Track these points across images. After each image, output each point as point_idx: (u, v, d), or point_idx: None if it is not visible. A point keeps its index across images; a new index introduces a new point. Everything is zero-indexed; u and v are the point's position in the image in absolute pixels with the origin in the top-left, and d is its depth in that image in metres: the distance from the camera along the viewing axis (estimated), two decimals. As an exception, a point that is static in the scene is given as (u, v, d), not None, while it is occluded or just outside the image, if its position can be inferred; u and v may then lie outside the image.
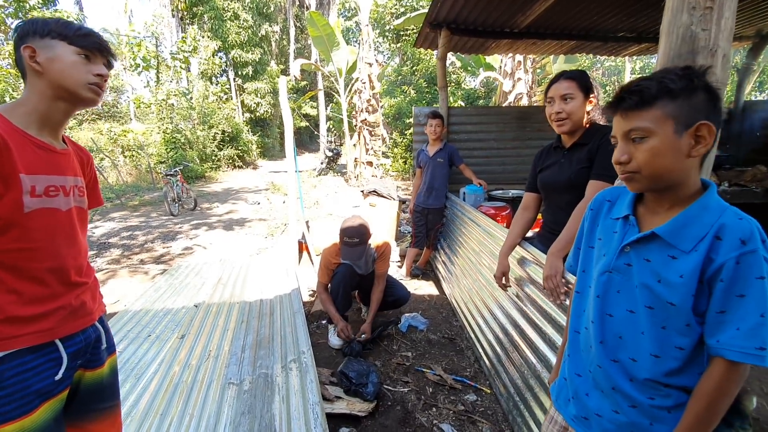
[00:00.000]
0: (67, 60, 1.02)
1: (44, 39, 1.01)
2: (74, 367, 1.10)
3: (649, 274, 0.83)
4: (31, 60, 1.00)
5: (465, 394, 2.31)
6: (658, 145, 0.79)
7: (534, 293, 1.88)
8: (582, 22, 3.94)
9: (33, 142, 1.00)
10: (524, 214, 2.06)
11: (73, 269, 1.09)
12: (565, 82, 1.72)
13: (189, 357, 2.66)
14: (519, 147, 4.50)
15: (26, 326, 0.98)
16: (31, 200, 0.97)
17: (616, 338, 0.89)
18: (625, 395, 0.88)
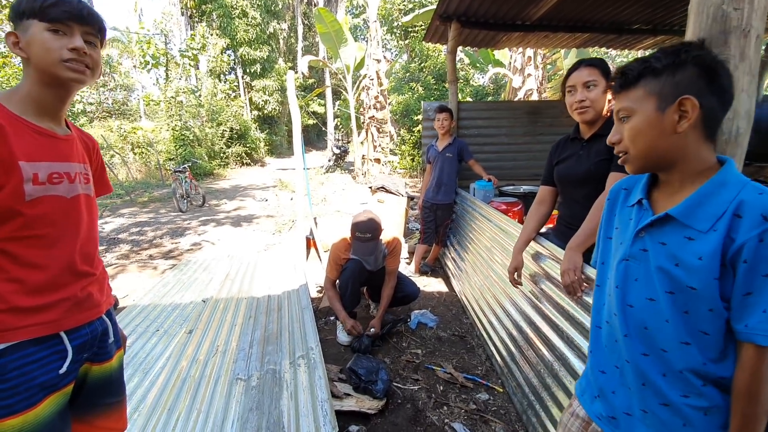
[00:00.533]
0: (38, 39, 0.93)
1: (22, 21, 0.94)
2: (80, 361, 1.07)
3: (666, 258, 0.79)
4: (15, 47, 0.96)
5: (477, 393, 2.26)
6: (638, 123, 0.81)
7: (550, 289, 1.82)
8: (596, 14, 3.84)
9: (32, 128, 0.97)
10: (539, 208, 2.00)
11: (79, 258, 1.05)
12: (587, 69, 1.65)
13: (197, 352, 2.64)
14: (530, 142, 4.41)
15: (30, 317, 0.95)
16: (34, 188, 0.94)
17: (641, 329, 0.84)
18: (656, 392, 0.82)
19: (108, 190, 1.29)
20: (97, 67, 1.04)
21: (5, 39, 0.97)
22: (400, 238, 2.78)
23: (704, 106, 0.76)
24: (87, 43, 1.00)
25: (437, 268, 4.23)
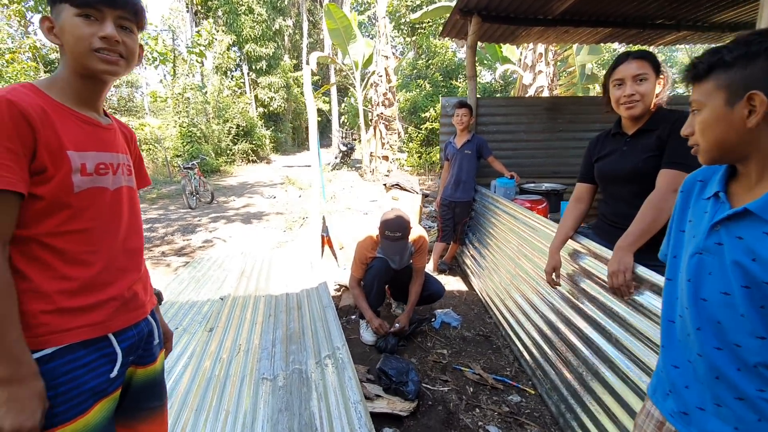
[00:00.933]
0: (69, 25, 0.86)
1: (56, 6, 0.88)
2: (126, 364, 1.01)
3: (742, 252, 0.76)
4: (49, 33, 0.89)
5: (508, 395, 2.21)
6: (707, 118, 0.80)
7: (593, 289, 1.76)
8: (621, 8, 3.76)
9: (77, 116, 0.91)
10: (577, 206, 1.94)
11: (122, 254, 1.00)
12: (636, 62, 1.59)
13: (219, 351, 2.60)
14: (549, 139, 4.35)
15: (78, 318, 0.89)
16: (82, 179, 0.88)
17: (715, 323, 0.81)
18: (730, 386, 0.79)
19: (146, 182, 1.23)
20: (133, 55, 0.96)
21: (40, 24, 0.90)
22: (425, 236, 2.72)
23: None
24: (121, 29, 0.92)
25: (455, 267, 4.18)
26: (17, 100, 0.79)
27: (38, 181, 0.83)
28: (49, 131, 0.83)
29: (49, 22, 0.89)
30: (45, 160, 0.82)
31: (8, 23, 11.46)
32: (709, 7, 3.91)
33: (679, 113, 1.62)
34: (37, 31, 12.29)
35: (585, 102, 4.69)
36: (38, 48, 11.04)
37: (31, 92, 0.84)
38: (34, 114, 0.80)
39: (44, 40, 11.63)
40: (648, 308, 1.40)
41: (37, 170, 0.82)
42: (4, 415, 0.76)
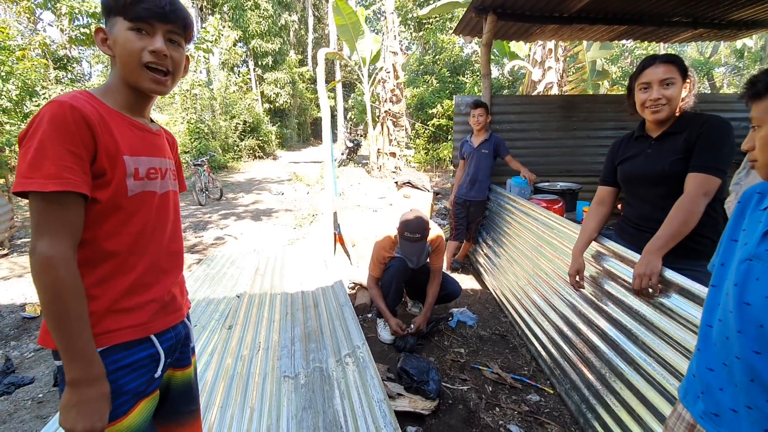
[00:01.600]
0: (122, 38, 0.89)
1: (110, 17, 0.90)
2: (166, 366, 1.03)
3: None
4: (103, 44, 0.91)
5: (527, 394, 2.23)
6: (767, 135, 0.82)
7: (618, 291, 1.77)
8: (638, 6, 3.73)
9: (131, 122, 0.94)
10: (600, 208, 1.94)
11: (164, 256, 1.02)
12: (663, 66, 1.59)
13: (240, 348, 2.63)
14: (563, 137, 4.33)
15: (123, 319, 0.91)
16: (135, 183, 0.91)
17: (757, 327, 0.83)
18: (765, 389, 0.81)
19: (183, 187, 1.25)
20: (179, 68, 0.98)
21: (95, 35, 0.92)
22: (443, 236, 2.74)
23: None
24: (170, 42, 0.94)
25: (467, 265, 4.19)
26: (79, 106, 0.81)
27: (98, 185, 0.85)
28: (107, 136, 0.85)
29: (103, 33, 0.91)
30: (104, 164, 0.85)
31: (18, 20, 11.53)
32: (728, 5, 3.86)
33: (706, 117, 1.62)
34: (46, 27, 12.35)
35: (599, 100, 4.65)
36: (47, 45, 11.09)
37: (89, 99, 0.87)
38: (94, 119, 0.83)
39: (54, 37, 11.70)
40: (676, 312, 1.41)
41: (97, 173, 0.84)
42: (76, 417, 0.79)
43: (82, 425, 0.79)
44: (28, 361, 2.66)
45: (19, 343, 2.91)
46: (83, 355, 0.80)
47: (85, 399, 0.80)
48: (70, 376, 0.79)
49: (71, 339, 0.79)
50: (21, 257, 4.78)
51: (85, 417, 0.79)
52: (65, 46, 11.57)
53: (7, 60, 7.89)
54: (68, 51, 11.80)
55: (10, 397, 2.26)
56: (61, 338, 0.79)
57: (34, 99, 9.11)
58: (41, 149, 0.77)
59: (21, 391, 2.32)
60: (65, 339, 0.79)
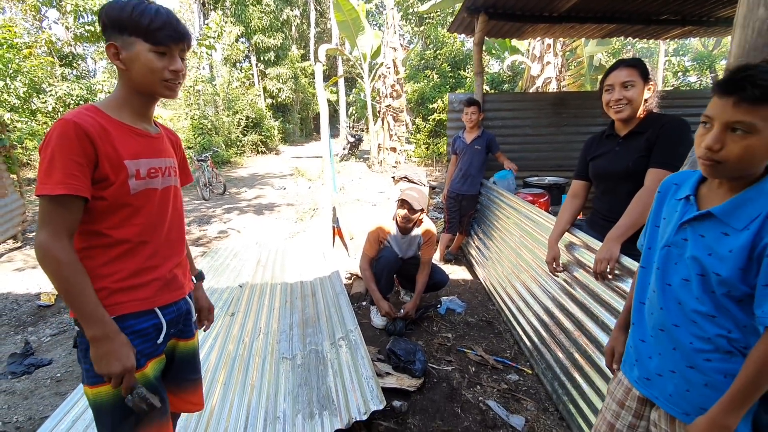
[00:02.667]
0: (143, 59, 1.03)
1: (123, 35, 1.02)
2: (168, 336, 1.21)
3: (702, 248, 0.92)
4: (115, 58, 1.04)
5: (507, 374, 2.40)
6: (757, 144, 0.81)
7: (584, 277, 1.93)
8: (625, 5, 3.84)
9: (131, 130, 1.09)
10: (573, 201, 2.09)
11: (166, 243, 1.19)
12: (625, 70, 1.73)
13: (241, 333, 2.82)
14: (554, 133, 4.47)
15: (130, 294, 1.10)
16: (137, 182, 1.08)
17: (676, 303, 0.98)
18: (684, 356, 0.96)
19: (189, 179, 1.42)
20: (185, 76, 1.16)
21: (106, 50, 1.06)
22: (434, 230, 2.91)
23: None
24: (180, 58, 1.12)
25: (460, 257, 4.36)
26: (80, 122, 0.97)
27: (102, 186, 1.02)
28: (108, 146, 1.02)
29: (115, 48, 1.04)
30: (106, 169, 1.02)
31: (23, 18, 11.72)
32: (714, 3, 3.97)
33: (668, 118, 1.77)
34: (51, 25, 12.53)
35: (590, 96, 4.78)
36: (53, 42, 11.27)
37: (93, 113, 1.03)
38: (95, 132, 0.99)
39: (59, 34, 11.87)
40: (630, 294, 1.57)
41: (100, 178, 1.02)
42: (107, 363, 1.00)
43: (117, 368, 1.00)
44: (46, 344, 2.87)
45: (36, 329, 3.11)
46: (95, 317, 0.99)
47: (109, 350, 1.00)
48: (90, 334, 0.99)
49: (82, 306, 0.98)
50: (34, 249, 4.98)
51: (116, 362, 1.00)
52: (70, 44, 11.76)
53: (14, 58, 8.08)
54: (73, 48, 12.00)
55: (30, 376, 2.47)
56: (74, 306, 0.99)
57: (41, 96, 9.31)
58: (52, 160, 0.94)
59: (40, 371, 2.52)
60: (77, 306, 0.98)
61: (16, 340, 2.94)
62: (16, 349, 2.77)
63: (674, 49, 18.87)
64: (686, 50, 22.48)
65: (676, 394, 0.98)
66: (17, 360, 2.59)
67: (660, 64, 13.63)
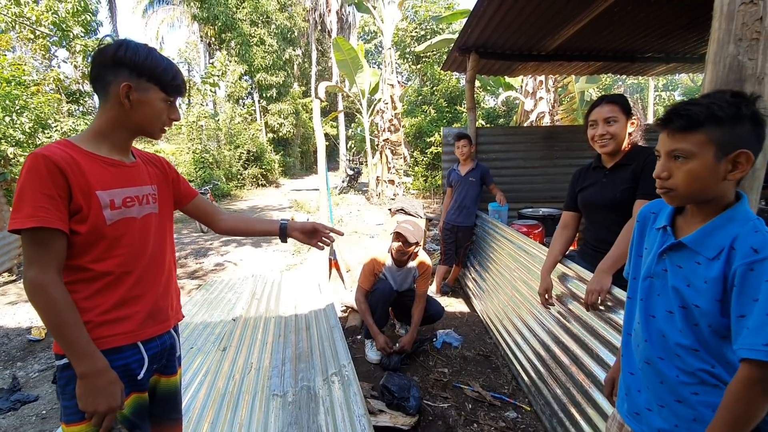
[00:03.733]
0: (155, 107, 1.10)
1: (141, 79, 1.06)
2: (151, 371, 1.18)
3: (681, 279, 0.91)
4: (124, 96, 1.05)
5: (505, 411, 2.33)
6: (697, 168, 0.86)
7: (578, 309, 1.91)
8: (611, 44, 4.02)
9: (104, 161, 1.08)
10: (564, 232, 2.11)
11: (149, 270, 1.17)
12: (608, 106, 1.79)
13: (232, 369, 2.75)
14: (546, 166, 4.55)
15: (113, 327, 1.07)
16: (112, 213, 1.06)
17: (660, 336, 0.96)
18: (671, 390, 0.94)
19: (193, 193, 1.41)
20: None
21: (121, 88, 1.04)
22: (430, 263, 2.91)
23: (756, 158, 0.86)
24: None
25: (457, 289, 4.32)
26: (50, 154, 0.96)
27: (77, 220, 1.01)
28: (79, 176, 1.01)
29: (128, 88, 1.05)
30: (80, 200, 1.01)
31: (33, 56, 12.16)
32: (696, 41, 4.15)
33: (652, 150, 1.80)
34: (60, 64, 12.99)
35: (580, 130, 4.88)
36: (61, 80, 11.65)
37: (65, 147, 1.02)
38: (65, 164, 0.98)
39: (68, 72, 12.28)
40: (622, 324, 1.55)
41: (74, 210, 1.01)
42: (94, 401, 0.98)
43: (103, 405, 0.98)
44: (33, 380, 2.79)
45: (24, 363, 3.04)
46: (86, 353, 0.98)
47: (98, 386, 0.98)
48: (80, 371, 0.97)
49: (73, 342, 0.97)
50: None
51: (102, 399, 0.98)
52: (78, 81, 12.14)
53: (21, 95, 8.33)
54: (81, 86, 12.38)
55: (16, 412, 2.40)
56: (64, 343, 0.97)
57: (47, 131, 9.52)
58: (21, 195, 0.94)
59: (26, 407, 2.45)
60: (68, 343, 0.97)
61: (4, 375, 2.87)
62: (3, 384, 2.70)
63: (663, 85, 19.51)
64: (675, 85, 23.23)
65: (665, 429, 0.96)
66: (4, 396, 2.52)
67: (650, 98, 14.04)
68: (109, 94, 1.06)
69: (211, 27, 18.80)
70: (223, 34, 18.87)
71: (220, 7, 17.91)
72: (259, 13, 19.14)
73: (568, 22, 3.36)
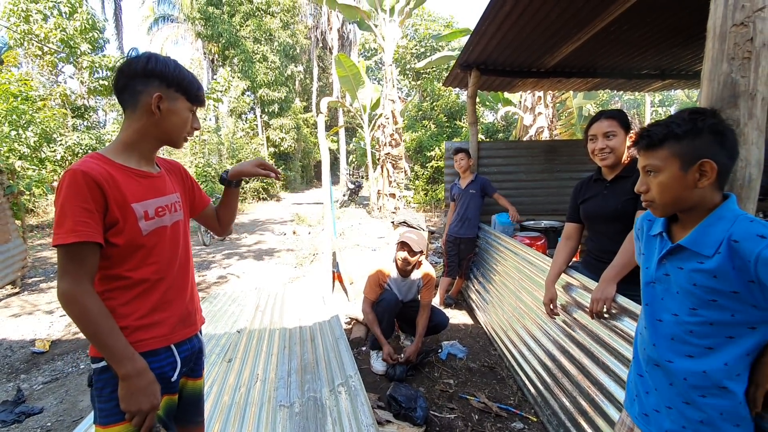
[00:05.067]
0: (183, 116, 1.17)
1: (170, 89, 1.12)
2: (181, 373, 1.22)
3: (685, 280, 0.95)
4: (155, 106, 1.10)
5: (511, 422, 2.33)
6: (666, 180, 0.96)
7: (584, 318, 1.94)
8: (608, 61, 4.14)
9: (135, 173, 1.13)
10: (567, 243, 2.15)
11: (178, 276, 1.22)
12: (606, 121, 1.86)
13: (238, 380, 2.76)
14: (548, 179, 4.62)
15: (148, 332, 1.12)
16: (146, 223, 1.12)
17: (668, 340, 1.00)
18: (680, 392, 0.97)
19: (206, 200, 1.46)
20: None
21: (153, 98, 1.09)
22: (434, 274, 2.96)
23: (719, 164, 0.92)
24: None
25: (460, 301, 4.33)
26: (88, 170, 1.00)
27: (113, 232, 1.06)
28: (115, 191, 1.05)
29: (160, 98, 1.11)
30: (116, 213, 1.06)
31: (40, 72, 12.37)
32: (690, 59, 4.27)
33: None
34: (67, 79, 13.20)
35: (580, 144, 4.97)
36: (67, 95, 11.83)
37: (99, 160, 1.06)
38: (102, 179, 1.02)
39: (74, 87, 12.46)
40: (628, 333, 1.59)
41: (111, 222, 1.05)
42: (138, 400, 1.02)
43: (146, 405, 1.03)
44: (38, 392, 2.79)
45: (28, 376, 3.04)
46: (125, 355, 1.02)
47: (140, 387, 1.03)
48: (122, 373, 1.02)
49: (112, 347, 1.01)
50: (32, 295, 4.96)
51: (145, 399, 1.03)
52: (83, 96, 12.33)
53: (27, 110, 8.46)
54: (86, 101, 12.56)
55: (20, 425, 2.39)
56: (103, 349, 1.01)
57: (51, 145, 9.64)
58: (62, 210, 0.98)
59: (31, 420, 2.44)
60: (107, 348, 1.01)
61: (8, 387, 2.86)
62: (7, 396, 2.70)
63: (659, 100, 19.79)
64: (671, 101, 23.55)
65: (673, 431, 0.99)
66: (8, 408, 2.52)
67: (647, 114, 14.26)
68: (138, 103, 1.11)
69: (214, 44, 19.18)
70: (226, 50, 19.23)
71: (224, 25, 18.30)
72: (262, 30, 19.54)
73: (566, 40, 3.47)
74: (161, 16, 23.23)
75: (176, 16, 22.58)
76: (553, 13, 2.95)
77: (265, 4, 19.78)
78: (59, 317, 4.26)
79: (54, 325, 4.05)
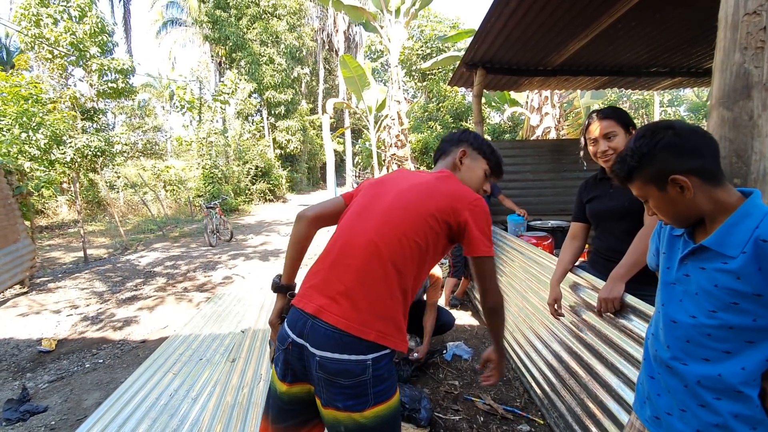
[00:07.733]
0: (480, 175, 1.49)
1: (473, 148, 1.48)
2: None
3: (707, 281, 0.91)
4: (459, 159, 1.46)
5: (517, 425, 2.29)
6: (657, 203, 0.98)
7: (592, 318, 1.90)
8: (615, 59, 4.08)
9: None
10: (573, 242, 2.11)
11: None
12: (604, 122, 1.81)
13: (241, 380, 2.75)
14: (554, 179, 4.56)
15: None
16: None
17: (684, 342, 0.95)
18: (694, 394, 0.93)
19: None
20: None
21: (460, 152, 1.47)
22: (440, 274, 2.93)
23: (693, 171, 0.90)
24: None
25: (466, 302, 4.29)
26: None
27: None
28: None
29: (464, 154, 1.46)
30: None
31: (50, 75, 12.54)
32: (700, 55, 4.19)
33: None
34: (76, 82, 13.34)
35: (587, 143, 4.93)
36: (77, 98, 11.97)
37: None
38: None
39: (83, 90, 12.60)
40: (637, 333, 1.54)
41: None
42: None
43: None
44: (43, 391, 2.80)
45: (34, 374, 3.05)
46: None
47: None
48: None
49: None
50: (39, 295, 5.00)
51: None
52: (93, 99, 12.47)
53: (38, 112, 8.57)
54: (95, 103, 12.70)
55: (25, 423, 2.40)
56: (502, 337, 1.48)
57: (61, 147, 9.75)
58: (490, 230, 1.32)
59: (35, 418, 2.45)
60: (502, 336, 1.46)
61: (13, 386, 2.88)
62: (13, 395, 2.71)
63: (669, 100, 19.56)
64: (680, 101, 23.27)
65: None
66: (13, 406, 2.52)
67: (656, 114, 14.09)
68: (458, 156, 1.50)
69: (222, 47, 19.33)
70: (233, 53, 19.38)
71: (232, 28, 18.45)
72: (269, 33, 19.65)
73: (573, 37, 3.42)
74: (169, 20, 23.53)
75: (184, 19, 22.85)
76: (560, 9, 2.90)
77: (271, 7, 19.90)
78: (66, 317, 4.29)
79: (60, 325, 4.07)
